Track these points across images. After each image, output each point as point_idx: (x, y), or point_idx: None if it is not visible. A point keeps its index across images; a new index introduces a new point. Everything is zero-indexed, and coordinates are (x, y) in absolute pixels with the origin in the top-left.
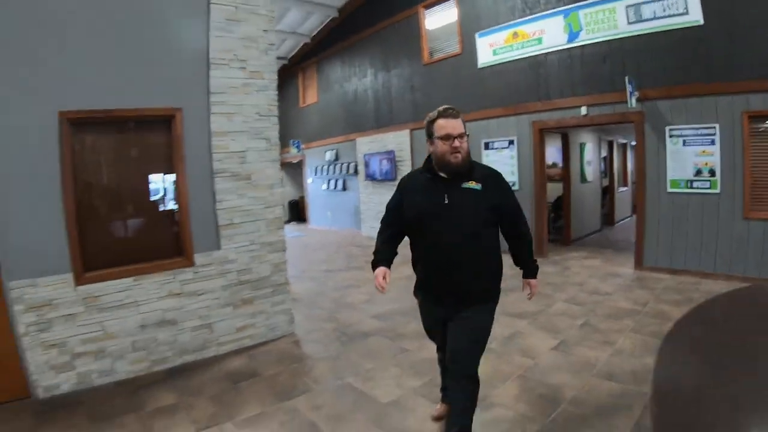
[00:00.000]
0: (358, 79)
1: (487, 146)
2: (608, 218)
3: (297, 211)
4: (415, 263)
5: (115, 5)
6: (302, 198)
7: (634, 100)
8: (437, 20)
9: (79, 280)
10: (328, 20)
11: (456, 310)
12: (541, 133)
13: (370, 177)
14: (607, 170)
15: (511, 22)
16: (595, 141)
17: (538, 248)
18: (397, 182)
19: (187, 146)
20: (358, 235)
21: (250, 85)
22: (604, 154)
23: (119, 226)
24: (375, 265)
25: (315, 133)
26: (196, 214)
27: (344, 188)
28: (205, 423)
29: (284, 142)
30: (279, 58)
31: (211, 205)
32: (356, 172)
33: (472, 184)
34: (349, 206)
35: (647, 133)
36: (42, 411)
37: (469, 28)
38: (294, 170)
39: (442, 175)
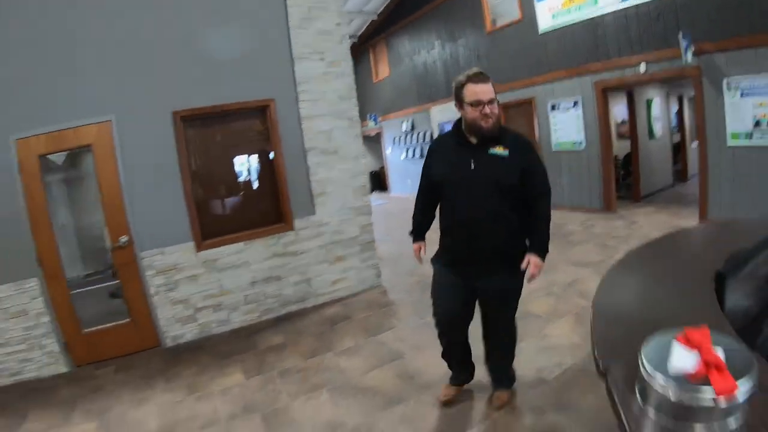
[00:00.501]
0: (426, 51)
1: (553, 107)
2: (681, 174)
3: (378, 181)
4: (442, 228)
5: (208, 16)
6: (382, 168)
7: (689, 55)
8: None
9: (199, 247)
10: None
11: (482, 278)
12: (604, 93)
13: None
14: (679, 125)
15: None
16: (663, 96)
17: (607, 205)
18: None
19: (282, 130)
20: None
21: (329, 73)
22: (675, 109)
23: (229, 201)
24: (413, 239)
25: (390, 105)
26: (294, 186)
27: (421, 156)
28: (310, 354)
29: (362, 116)
30: (349, 37)
31: (306, 177)
32: (431, 139)
33: (500, 150)
34: None
35: (705, 86)
36: (170, 356)
37: None
38: (373, 143)
39: (471, 140)
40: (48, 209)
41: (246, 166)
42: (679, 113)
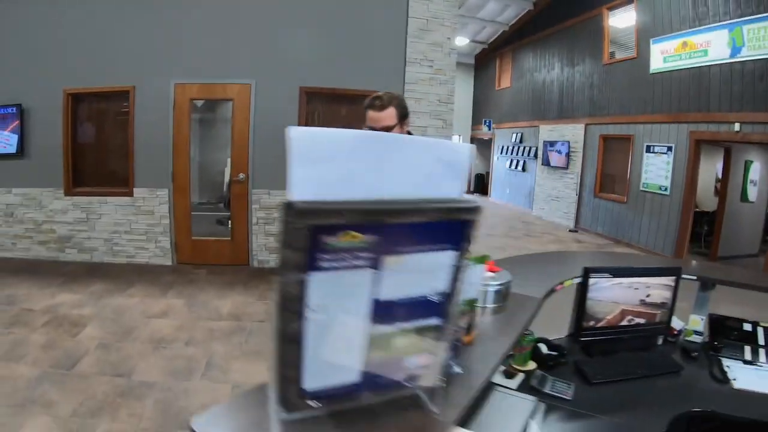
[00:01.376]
0: (547, 70)
1: (648, 149)
2: None
3: (482, 184)
4: None
5: (341, 12)
6: (488, 173)
7: None
8: (619, 21)
9: None
10: (524, 12)
11: None
12: (697, 143)
13: (546, 163)
14: None
15: (683, 32)
16: (765, 162)
17: (677, 254)
18: (569, 171)
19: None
20: (527, 214)
21: (434, 79)
22: None
23: None
24: None
25: (505, 115)
26: None
27: (523, 169)
28: None
29: (477, 119)
30: (479, 42)
31: None
32: (536, 156)
33: None
34: (525, 186)
35: None
36: (253, 273)
37: (645, 34)
38: (484, 147)
39: None
40: (189, 140)
41: None
42: None
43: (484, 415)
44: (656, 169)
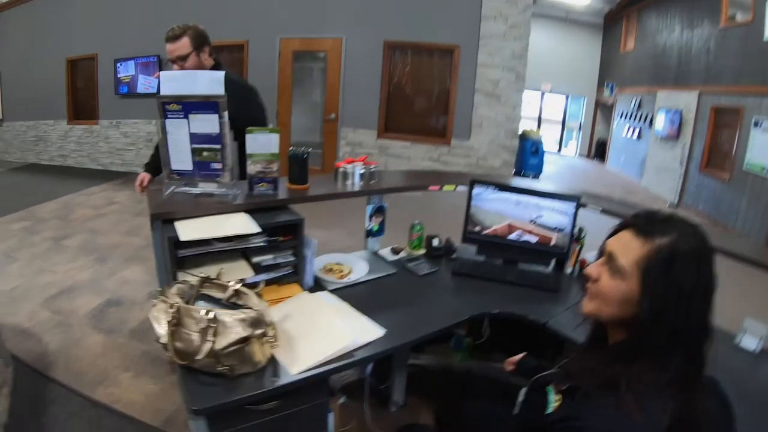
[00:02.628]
0: (668, 33)
1: (756, 124)
2: None
3: (602, 150)
4: None
5: None
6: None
7: None
8: None
9: (379, 135)
10: None
11: None
12: None
13: (659, 132)
14: None
15: None
16: None
17: None
18: (679, 142)
19: (460, 70)
20: (635, 185)
21: (509, 34)
22: None
23: (410, 111)
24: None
25: (627, 79)
26: (459, 114)
27: (639, 137)
28: None
29: (601, 82)
30: (608, 1)
31: (470, 110)
32: (650, 124)
33: None
34: (638, 155)
35: None
36: None
37: None
38: (607, 112)
39: None
40: (291, 86)
41: (428, 90)
42: None
43: None
44: (761, 147)
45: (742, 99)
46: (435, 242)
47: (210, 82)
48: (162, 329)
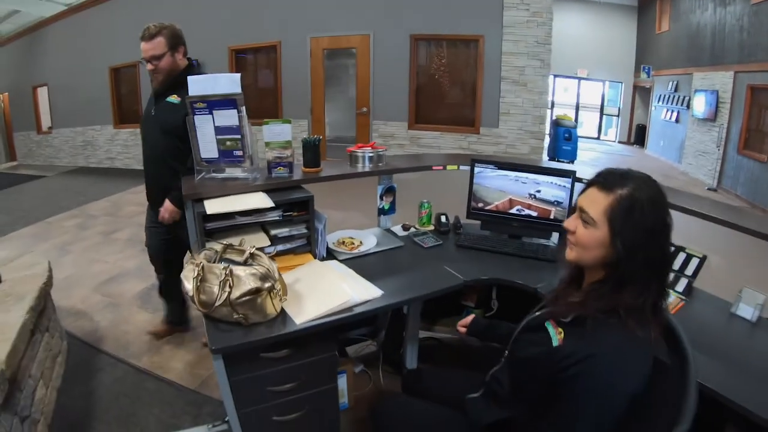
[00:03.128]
0: (701, 11)
1: None
2: None
3: (642, 135)
4: None
5: None
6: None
7: None
8: None
9: (410, 126)
10: None
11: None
12: None
13: (695, 114)
14: None
15: None
16: None
17: None
18: (716, 123)
19: (486, 59)
20: (674, 169)
21: (532, 21)
22: None
23: (438, 102)
24: None
25: (664, 61)
26: (487, 102)
27: (677, 121)
28: None
29: (638, 65)
30: None
31: (497, 99)
32: (688, 106)
33: (173, 98)
34: (677, 139)
35: None
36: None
37: None
38: (645, 95)
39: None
40: (323, 82)
41: (455, 79)
42: None
43: None
44: None
45: None
46: (443, 219)
47: (229, 83)
48: (189, 285)
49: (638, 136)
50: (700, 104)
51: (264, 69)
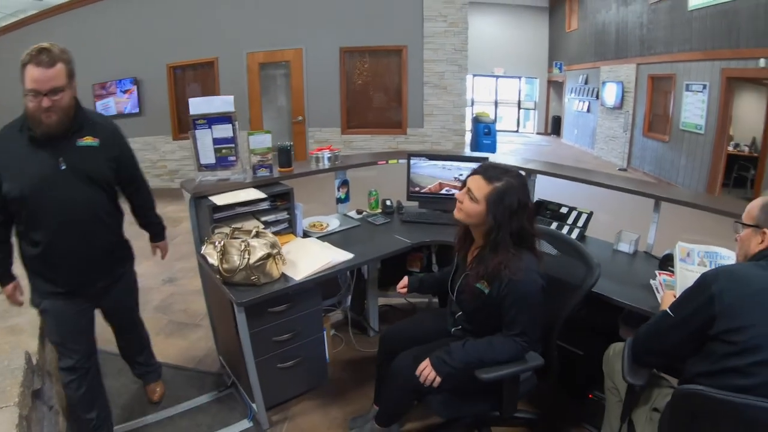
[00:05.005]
0: (606, 11)
1: (687, 88)
2: None
3: (558, 126)
4: (33, 255)
5: None
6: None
7: None
8: None
9: (343, 132)
10: None
11: (106, 290)
12: (729, 81)
13: (605, 104)
14: None
15: None
16: None
17: (709, 192)
18: (623, 110)
19: (409, 67)
20: (588, 154)
21: (449, 31)
22: None
23: (368, 107)
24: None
25: (574, 57)
26: (412, 106)
27: (588, 110)
28: None
29: (551, 61)
30: None
31: (421, 101)
32: (597, 97)
33: (90, 140)
34: (589, 127)
35: None
36: None
37: None
38: (558, 89)
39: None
40: (260, 95)
41: (381, 86)
42: None
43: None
44: (693, 108)
45: (673, 66)
46: (388, 203)
47: (222, 103)
48: (212, 259)
49: (554, 126)
50: (608, 94)
51: (202, 84)
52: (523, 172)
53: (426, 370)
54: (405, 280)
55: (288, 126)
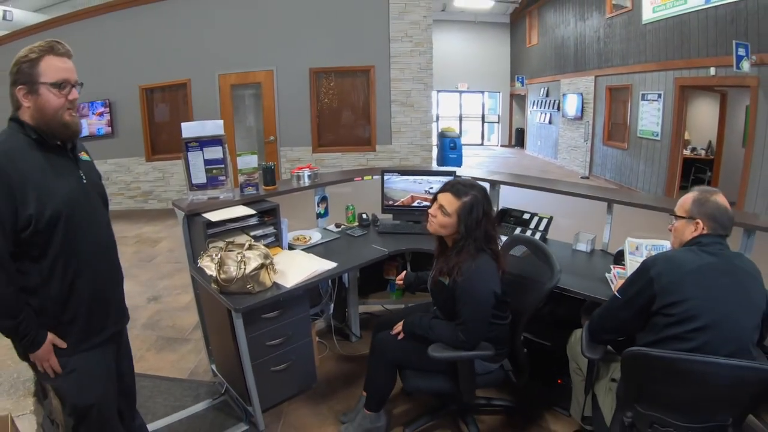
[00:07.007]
0: (564, 26)
1: (643, 97)
2: None
3: (521, 138)
4: (56, 296)
5: (335, 6)
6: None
7: (746, 65)
8: None
9: (314, 150)
10: None
11: (117, 337)
12: (682, 90)
13: (566, 115)
14: None
15: None
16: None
17: (668, 194)
18: (583, 121)
19: (377, 86)
20: (551, 164)
21: (415, 51)
22: None
23: (338, 126)
24: (34, 341)
25: (535, 70)
26: (380, 123)
27: (550, 122)
28: None
29: (513, 76)
30: (510, 2)
31: (389, 119)
32: (558, 108)
33: (85, 155)
34: (551, 138)
35: (760, 99)
36: None
37: None
38: (521, 102)
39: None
40: (232, 115)
41: (351, 104)
42: None
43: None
44: (649, 116)
45: (630, 77)
46: (364, 216)
47: (214, 127)
48: (210, 270)
49: (518, 138)
50: (568, 106)
51: (175, 105)
52: (488, 184)
53: (399, 326)
54: (403, 274)
55: (260, 146)
